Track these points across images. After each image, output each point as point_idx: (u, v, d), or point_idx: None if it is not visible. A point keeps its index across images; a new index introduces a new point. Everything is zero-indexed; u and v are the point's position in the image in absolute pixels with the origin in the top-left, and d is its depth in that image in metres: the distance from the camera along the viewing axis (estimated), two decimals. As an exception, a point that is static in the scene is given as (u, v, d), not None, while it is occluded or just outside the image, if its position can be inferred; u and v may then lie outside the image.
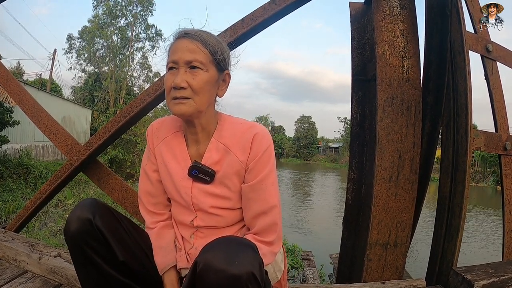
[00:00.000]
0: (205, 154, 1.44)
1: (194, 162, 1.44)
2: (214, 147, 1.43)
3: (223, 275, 1.06)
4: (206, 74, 1.33)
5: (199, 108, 1.34)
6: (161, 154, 1.52)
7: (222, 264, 1.07)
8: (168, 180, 1.50)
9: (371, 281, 2.31)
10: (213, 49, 1.35)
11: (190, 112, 1.33)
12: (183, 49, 1.33)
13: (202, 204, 1.44)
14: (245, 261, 1.09)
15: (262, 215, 1.40)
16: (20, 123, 13.69)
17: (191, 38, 1.34)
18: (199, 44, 1.33)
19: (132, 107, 2.73)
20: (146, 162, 1.58)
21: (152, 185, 1.56)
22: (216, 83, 1.39)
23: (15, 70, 31.31)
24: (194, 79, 1.31)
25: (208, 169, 1.41)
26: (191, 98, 1.32)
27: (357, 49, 3.05)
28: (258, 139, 1.38)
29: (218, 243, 1.15)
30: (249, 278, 1.08)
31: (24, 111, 3.15)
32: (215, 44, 1.36)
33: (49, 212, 11.09)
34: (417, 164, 2.41)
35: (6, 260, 2.49)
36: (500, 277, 2.23)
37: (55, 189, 3.00)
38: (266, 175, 1.39)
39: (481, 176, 31.79)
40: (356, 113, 3.03)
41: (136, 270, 1.45)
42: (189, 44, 1.33)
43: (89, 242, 1.33)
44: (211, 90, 1.37)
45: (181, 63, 1.32)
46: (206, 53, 1.33)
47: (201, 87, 1.32)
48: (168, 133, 1.53)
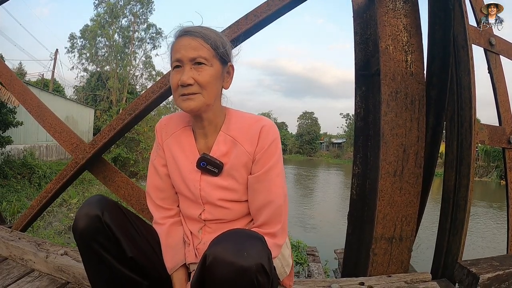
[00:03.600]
0: (213, 147, 1.46)
1: (203, 154, 1.46)
2: (222, 140, 1.45)
3: (232, 267, 1.07)
4: (211, 69, 1.36)
5: (207, 102, 1.36)
6: (169, 149, 1.53)
7: (231, 257, 1.08)
8: (177, 173, 1.52)
9: (376, 275, 2.31)
10: (215, 44, 1.37)
11: (199, 107, 1.36)
12: (186, 47, 1.35)
13: (210, 197, 1.46)
14: (254, 253, 1.10)
15: (267, 206, 1.41)
16: (24, 124, 13.72)
17: (192, 36, 1.36)
18: (201, 40, 1.35)
19: (137, 105, 2.74)
20: (155, 157, 1.59)
21: (161, 179, 1.57)
22: (221, 76, 1.41)
23: (17, 71, 31.29)
24: (200, 75, 1.34)
25: (217, 161, 1.43)
26: (199, 93, 1.35)
27: (360, 44, 3.05)
28: (265, 131, 1.40)
29: (226, 236, 1.16)
30: (258, 269, 1.09)
31: (28, 110, 3.17)
32: (216, 39, 1.38)
33: (53, 212, 11.10)
34: (421, 158, 2.41)
35: (13, 259, 2.50)
36: (505, 270, 2.24)
37: (60, 188, 3.01)
38: (272, 166, 1.41)
39: (485, 171, 31.66)
40: (360, 108, 3.03)
41: (144, 266, 1.46)
42: (191, 42, 1.35)
43: (97, 238, 1.34)
44: (217, 83, 1.39)
45: (185, 60, 1.34)
46: (209, 49, 1.35)
47: (207, 81, 1.35)
48: (177, 128, 1.55)
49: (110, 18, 33.01)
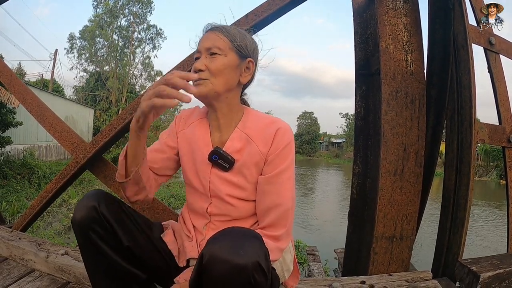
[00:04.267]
0: (227, 142, 1.47)
1: (216, 147, 1.47)
2: (237, 136, 1.47)
3: (228, 265, 1.07)
4: (224, 58, 1.40)
5: (215, 88, 1.39)
6: (186, 138, 1.56)
7: (228, 255, 1.08)
8: (190, 163, 1.54)
9: (377, 274, 2.31)
10: (233, 37, 1.43)
11: (205, 92, 1.39)
12: (206, 39, 1.43)
13: (219, 191, 1.47)
14: (251, 251, 1.10)
15: (274, 208, 1.41)
16: (23, 124, 13.73)
17: (213, 30, 1.45)
18: (219, 33, 1.43)
19: (138, 104, 2.73)
20: (166, 137, 1.62)
21: (161, 151, 1.59)
22: (236, 68, 1.44)
23: (17, 71, 31.31)
24: (212, 62, 1.39)
25: (229, 156, 1.44)
26: (208, 79, 1.38)
27: (360, 44, 3.05)
28: (281, 133, 1.41)
29: (223, 234, 1.16)
30: (255, 267, 1.08)
31: (28, 110, 3.17)
32: (235, 33, 1.45)
33: (53, 212, 11.10)
34: (421, 157, 2.41)
35: (13, 259, 2.50)
36: (506, 269, 2.24)
37: (61, 187, 3.01)
38: (284, 170, 1.41)
39: (484, 170, 31.70)
40: (360, 107, 3.03)
41: (141, 257, 1.47)
42: (210, 35, 1.43)
43: (94, 228, 1.36)
44: (230, 73, 1.42)
45: (202, 51, 1.42)
46: (225, 40, 1.42)
47: (218, 69, 1.39)
48: (195, 119, 1.58)
49: (109, 18, 33.05)
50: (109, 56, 33.55)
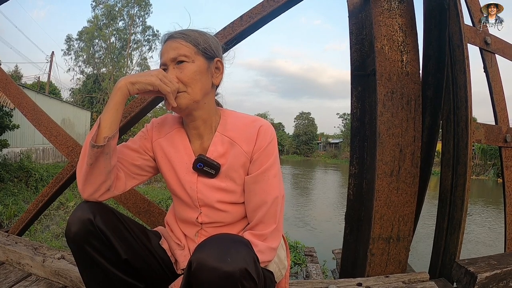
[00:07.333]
0: (210, 148, 1.45)
1: (199, 155, 1.45)
2: (219, 140, 1.45)
3: (216, 273, 1.06)
4: (193, 65, 1.37)
5: (194, 98, 1.37)
6: (162, 149, 1.52)
7: (215, 262, 1.07)
8: (173, 175, 1.50)
9: (374, 275, 2.31)
10: (195, 41, 1.39)
11: (186, 104, 1.37)
12: (167, 50, 1.39)
13: (208, 199, 1.45)
14: (238, 257, 1.09)
15: (262, 206, 1.40)
16: (20, 127, 13.68)
17: (172, 38, 1.40)
18: (180, 40, 1.38)
19: (132, 107, 2.73)
20: (139, 139, 1.55)
21: (137, 150, 1.53)
22: (207, 71, 1.41)
23: (13, 73, 31.28)
24: (182, 72, 1.36)
25: (214, 162, 1.43)
26: (184, 90, 1.36)
27: (356, 44, 3.05)
28: (263, 131, 1.41)
29: (210, 241, 1.15)
30: (242, 274, 1.08)
31: (24, 114, 3.15)
32: (196, 36, 1.41)
33: (51, 215, 11.05)
34: (418, 158, 2.41)
35: (9, 263, 2.49)
36: (503, 269, 2.24)
37: (57, 191, 3.00)
38: (269, 167, 1.40)
39: (482, 169, 31.76)
40: (356, 108, 3.03)
41: (139, 268, 1.45)
42: (172, 44, 1.39)
43: (91, 242, 1.32)
44: (202, 78, 1.39)
45: (168, 62, 1.38)
46: (189, 46, 1.38)
47: (190, 77, 1.36)
48: (171, 129, 1.54)
49: (107, 20, 33.03)
50: (106, 58, 33.52)
